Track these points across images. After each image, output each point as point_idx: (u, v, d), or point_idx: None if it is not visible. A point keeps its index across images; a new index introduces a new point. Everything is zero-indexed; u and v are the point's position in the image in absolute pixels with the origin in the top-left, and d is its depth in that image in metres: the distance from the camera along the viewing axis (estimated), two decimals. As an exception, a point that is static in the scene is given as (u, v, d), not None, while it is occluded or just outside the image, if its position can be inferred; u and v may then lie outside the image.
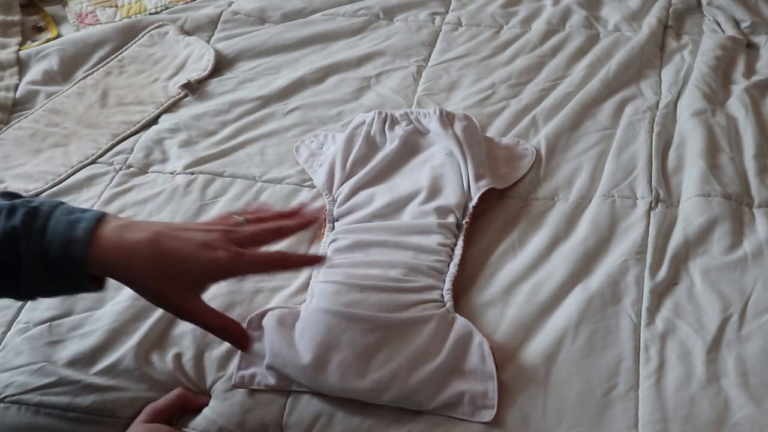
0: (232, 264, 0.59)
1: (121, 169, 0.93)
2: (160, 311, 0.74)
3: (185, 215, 0.85)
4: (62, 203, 0.60)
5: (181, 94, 1.04)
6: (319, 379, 0.66)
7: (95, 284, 0.59)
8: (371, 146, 0.88)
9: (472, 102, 0.99)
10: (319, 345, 0.68)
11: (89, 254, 0.55)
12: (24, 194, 0.89)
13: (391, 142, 0.87)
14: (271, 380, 0.68)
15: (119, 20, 1.21)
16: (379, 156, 0.86)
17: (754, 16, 1.12)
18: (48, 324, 0.74)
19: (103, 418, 0.68)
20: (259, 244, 0.64)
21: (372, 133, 0.88)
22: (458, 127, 0.86)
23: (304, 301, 0.74)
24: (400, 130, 0.88)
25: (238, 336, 0.63)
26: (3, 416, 0.67)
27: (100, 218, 0.58)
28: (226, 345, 0.71)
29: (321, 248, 0.79)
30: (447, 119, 0.87)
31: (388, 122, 0.89)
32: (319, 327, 0.69)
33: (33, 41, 1.18)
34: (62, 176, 0.92)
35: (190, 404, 0.68)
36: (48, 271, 0.56)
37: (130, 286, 0.60)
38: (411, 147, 0.88)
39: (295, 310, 0.72)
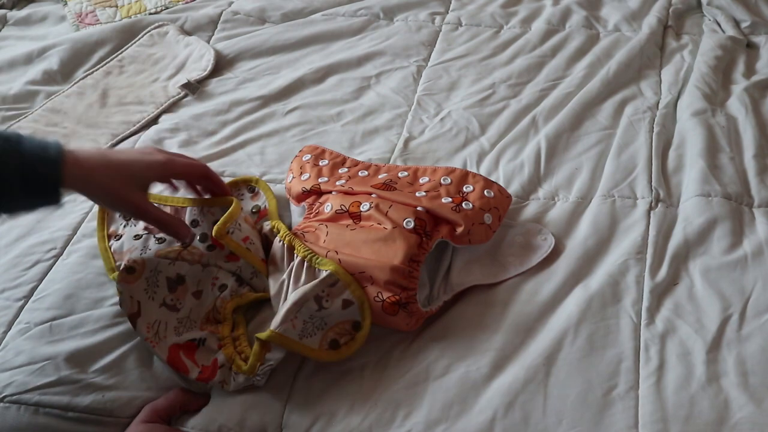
0: (167, 165, 0.73)
1: (121, 169, 0.93)
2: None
3: (185, 215, 0.85)
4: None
5: (181, 94, 1.04)
6: None
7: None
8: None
9: (472, 102, 0.99)
10: None
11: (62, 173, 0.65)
12: None
13: None
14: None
15: (119, 20, 1.21)
16: None
17: (754, 16, 1.12)
18: (49, 324, 0.74)
19: (103, 418, 0.68)
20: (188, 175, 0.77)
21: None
22: None
23: None
24: None
25: (180, 228, 0.75)
26: (3, 416, 0.67)
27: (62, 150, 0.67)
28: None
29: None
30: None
31: None
32: None
33: None
34: (62, 176, 0.92)
35: (190, 404, 0.68)
36: (26, 184, 0.64)
37: (89, 196, 0.71)
38: None
39: None
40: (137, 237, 0.79)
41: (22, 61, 1.12)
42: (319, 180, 0.83)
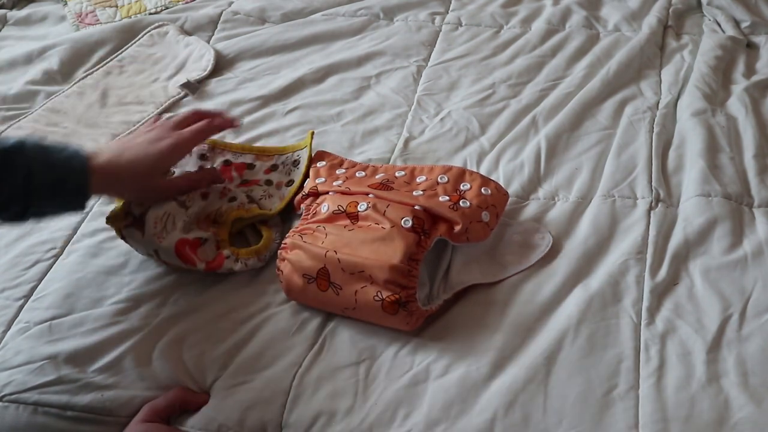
0: (176, 147, 0.78)
1: (120, 169, 0.93)
2: (159, 311, 0.75)
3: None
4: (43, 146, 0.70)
5: (181, 94, 1.04)
6: None
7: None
8: None
9: (472, 102, 0.99)
10: None
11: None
12: None
13: None
14: None
15: (119, 20, 1.21)
16: None
17: (754, 16, 1.12)
18: (48, 323, 0.74)
19: (102, 417, 0.68)
20: (191, 123, 0.81)
21: None
22: None
23: None
24: None
25: (213, 176, 0.83)
26: (1, 415, 0.68)
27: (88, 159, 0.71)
28: (228, 344, 0.71)
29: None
30: None
31: None
32: None
33: None
34: (62, 176, 0.92)
35: (189, 403, 0.68)
36: (55, 196, 0.69)
37: (117, 197, 0.78)
38: None
39: None
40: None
41: (22, 61, 1.12)
42: (317, 181, 0.83)
